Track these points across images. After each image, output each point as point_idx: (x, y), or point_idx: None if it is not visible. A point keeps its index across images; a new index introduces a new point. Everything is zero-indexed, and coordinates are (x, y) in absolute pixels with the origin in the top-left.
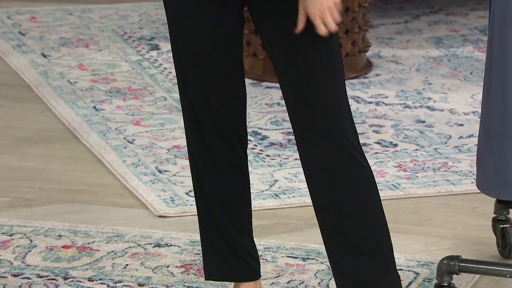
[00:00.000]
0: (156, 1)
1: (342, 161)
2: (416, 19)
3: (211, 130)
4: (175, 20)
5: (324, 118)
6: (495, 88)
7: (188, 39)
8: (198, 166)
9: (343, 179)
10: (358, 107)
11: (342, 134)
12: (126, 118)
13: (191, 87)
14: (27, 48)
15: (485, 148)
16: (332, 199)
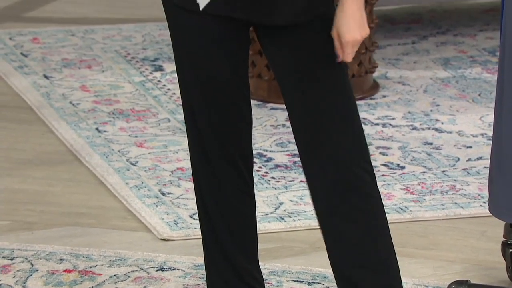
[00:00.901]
0: (159, 22)
1: (349, 182)
2: (423, 40)
3: (216, 152)
4: (180, 43)
5: (331, 137)
6: (506, 111)
7: (194, 61)
8: (202, 189)
9: (350, 201)
10: (365, 129)
11: (349, 155)
12: (129, 140)
13: (196, 109)
14: (29, 70)
15: (497, 171)
16: (339, 222)
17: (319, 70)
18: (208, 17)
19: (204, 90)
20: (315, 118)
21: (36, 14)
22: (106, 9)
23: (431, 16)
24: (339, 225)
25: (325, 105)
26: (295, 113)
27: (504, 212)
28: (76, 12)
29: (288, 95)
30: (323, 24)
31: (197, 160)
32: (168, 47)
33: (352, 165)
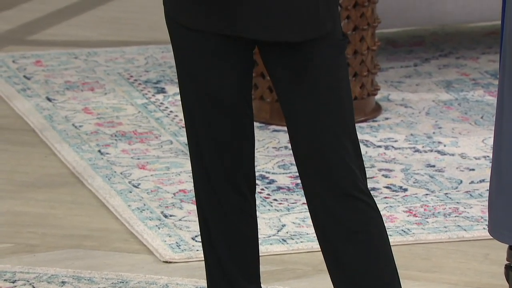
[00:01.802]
0: (162, 44)
1: (350, 205)
2: (425, 62)
3: (219, 174)
4: (184, 63)
5: (332, 161)
6: (506, 133)
7: (198, 83)
8: (205, 211)
9: (351, 223)
10: (367, 151)
11: (350, 178)
12: (132, 162)
13: (199, 131)
14: (32, 92)
15: (497, 193)
16: (340, 245)
17: (322, 92)
18: (212, 37)
19: (207, 110)
20: (314, 140)
21: (39, 37)
22: (109, 31)
23: (433, 38)
24: (340, 248)
25: (326, 127)
26: (295, 134)
27: (505, 234)
28: (79, 35)
29: (290, 116)
30: (328, 45)
31: (200, 181)
32: (171, 69)
33: (350, 187)
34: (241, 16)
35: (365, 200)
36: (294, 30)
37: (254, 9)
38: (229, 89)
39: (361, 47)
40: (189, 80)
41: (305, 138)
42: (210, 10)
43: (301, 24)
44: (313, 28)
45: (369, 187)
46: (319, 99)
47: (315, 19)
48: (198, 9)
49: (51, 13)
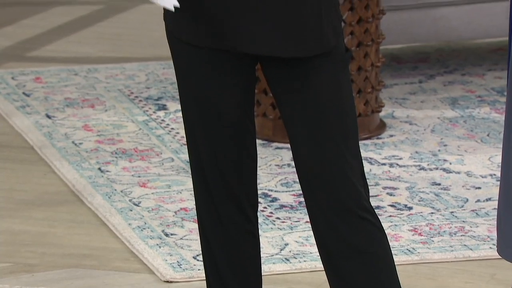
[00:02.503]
0: (163, 60)
1: (354, 223)
2: (430, 79)
3: (221, 192)
4: (186, 79)
5: (336, 179)
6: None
7: (199, 100)
8: (206, 229)
9: (355, 242)
10: (371, 169)
11: (353, 196)
12: (132, 180)
13: (201, 148)
14: (31, 109)
15: (505, 211)
16: (343, 264)
17: (325, 109)
18: (213, 53)
19: (209, 127)
20: (318, 157)
21: (38, 54)
22: (109, 48)
23: (438, 55)
24: (344, 268)
25: (330, 144)
26: (298, 151)
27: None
28: (79, 52)
29: (293, 132)
30: (331, 60)
31: (201, 199)
32: (172, 85)
33: (354, 206)
34: (244, 32)
35: (369, 219)
36: (298, 46)
37: (257, 25)
38: (231, 106)
39: (365, 64)
40: (190, 97)
41: (308, 156)
42: (211, 26)
43: (305, 40)
44: (317, 44)
45: (373, 205)
46: (322, 116)
47: (320, 35)
48: (199, 26)
49: (51, 29)
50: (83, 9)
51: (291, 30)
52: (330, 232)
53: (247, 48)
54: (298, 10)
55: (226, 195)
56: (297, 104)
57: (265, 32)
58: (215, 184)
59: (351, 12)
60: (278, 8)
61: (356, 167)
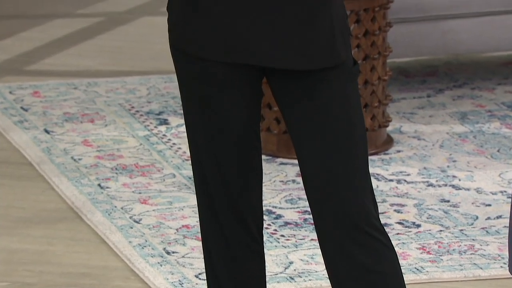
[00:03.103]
0: (164, 74)
1: (363, 242)
2: (439, 93)
3: (225, 210)
4: (190, 95)
5: (344, 194)
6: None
7: (204, 114)
8: (210, 248)
9: (364, 261)
10: (379, 185)
11: (362, 211)
12: (133, 196)
13: (205, 164)
14: (29, 124)
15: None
16: (353, 284)
17: (334, 123)
18: (219, 66)
19: (213, 142)
20: (326, 173)
21: (37, 67)
22: (110, 61)
23: (447, 68)
24: (351, 287)
25: (338, 160)
26: (306, 167)
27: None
28: (79, 65)
29: (300, 147)
30: (339, 73)
31: (205, 216)
32: (174, 100)
33: (363, 223)
34: (251, 43)
35: (378, 237)
36: (309, 59)
37: (266, 37)
38: (237, 120)
39: (371, 77)
40: (194, 111)
41: (316, 171)
42: (217, 38)
43: (316, 53)
44: (328, 57)
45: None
46: (330, 130)
47: (331, 48)
48: (205, 38)
49: (49, 42)
50: (83, 21)
51: (302, 43)
52: (338, 250)
53: (255, 61)
54: (310, 22)
55: (230, 212)
56: (303, 118)
57: (275, 44)
58: (219, 200)
59: (357, 25)
60: (289, 20)
61: (365, 183)
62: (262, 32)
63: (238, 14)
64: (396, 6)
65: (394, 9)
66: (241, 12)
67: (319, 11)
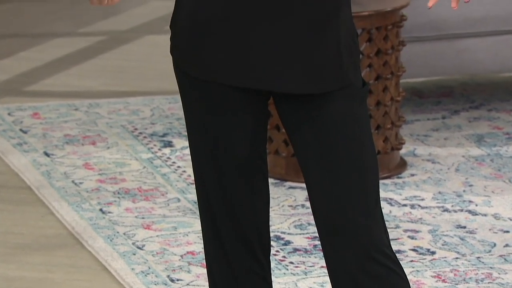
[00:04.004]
0: (169, 95)
1: (373, 270)
2: (454, 114)
3: (231, 235)
4: (194, 117)
5: (354, 220)
6: None
7: (208, 136)
8: (215, 276)
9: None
10: (391, 210)
11: (373, 239)
12: (136, 222)
13: (209, 188)
14: (29, 147)
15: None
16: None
17: (342, 146)
18: (224, 87)
19: (218, 165)
20: (334, 199)
21: (36, 88)
22: (112, 81)
23: (463, 89)
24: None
25: (347, 184)
26: (314, 192)
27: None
28: (80, 85)
29: (308, 172)
30: (348, 95)
31: (210, 242)
32: (179, 121)
33: (374, 251)
34: (257, 67)
35: (390, 266)
36: (317, 82)
37: (272, 60)
38: (242, 143)
39: (384, 98)
40: (199, 133)
41: (325, 196)
42: (222, 60)
43: (324, 76)
44: (335, 79)
45: (394, 249)
46: (338, 154)
47: (339, 71)
48: (208, 60)
49: (49, 62)
50: (84, 40)
51: (309, 67)
52: (348, 280)
53: (261, 85)
54: (317, 45)
55: (236, 238)
56: (310, 141)
57: (280, 68)
58: (224, 225)
59: (369, 44)
60: (295, 42)
61: (375, 209)
62: (267, 56)
63: (243, 38)
64: (410, 24)
65: (407, 27)
66: (246, 36)
67: (326, 33)
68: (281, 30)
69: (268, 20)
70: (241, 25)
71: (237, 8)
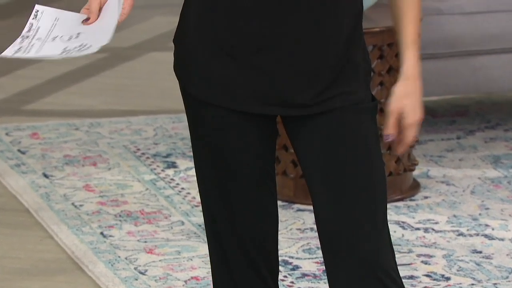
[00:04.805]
0: (172, 114)
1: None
2: (470, 135)
3: (238, 259)
4: (200, 136)
5: (360, 244)
6: None
7: (215, 157)
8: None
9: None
10: (404, 234)
11: (379, 263)
12: (138, 246)
13: (215, 209)
14: (27, 168)
15: None
16: None
17: (350, 165)
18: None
19: (225, 187)
20: (340, 220)
21: (35, 107)
22: (114, 100)
23: (478, 108)
24: None
25: (355, 204)
26: (319, 212)
27: None
28: (80, 104)
29: (314, 192)
30: (357, 112)
31: (217, 267)
32: (183, 141)
33: (379, 275)
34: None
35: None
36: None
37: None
38: (250, 163)
39: None
40: (204, 154)
41: (330, 216)
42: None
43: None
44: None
45: (406, 275)
46: (346, 172)
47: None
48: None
49: (49, 80)
50: (84, 58)
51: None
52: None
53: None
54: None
55: (243, 261)
56: (319, 160)
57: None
58: (231, 250)
59: (380, 61)
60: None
61: (384, 232)
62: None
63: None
64: (423, 40)
65: (420, 43)
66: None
67: (337, 52)
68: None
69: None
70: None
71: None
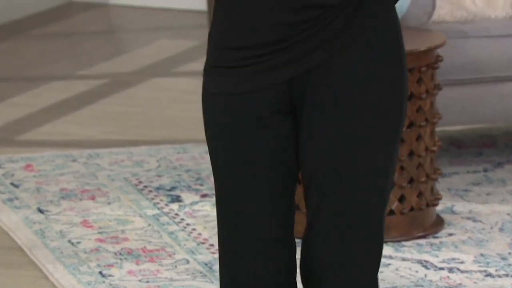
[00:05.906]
0: (177, 143)
1: None
2: (498, 167)
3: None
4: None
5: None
6: None
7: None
8: None
9: None
10: (427, 274)
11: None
12: (140, 286)
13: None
14: (20, 203)
15: None
16: None
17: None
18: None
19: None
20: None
21: (30, 137)
22: (114, 129)
23: (506, 139)
24: None
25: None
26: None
27: None
28: (78, 134)
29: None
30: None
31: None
32: (188, 173)
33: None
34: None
35: None
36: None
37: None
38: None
39: (418, 148)
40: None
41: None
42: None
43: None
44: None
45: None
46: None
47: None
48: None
49: (45, 108)
50: (83, 84)
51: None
52: None
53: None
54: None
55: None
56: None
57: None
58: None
59: None
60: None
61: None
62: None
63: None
64: (447, 65)
65: (444, 69)
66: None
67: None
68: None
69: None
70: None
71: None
